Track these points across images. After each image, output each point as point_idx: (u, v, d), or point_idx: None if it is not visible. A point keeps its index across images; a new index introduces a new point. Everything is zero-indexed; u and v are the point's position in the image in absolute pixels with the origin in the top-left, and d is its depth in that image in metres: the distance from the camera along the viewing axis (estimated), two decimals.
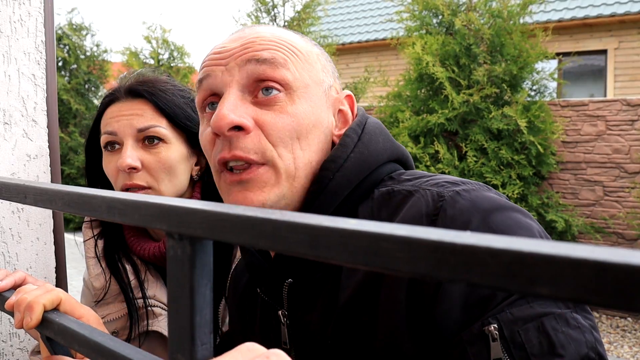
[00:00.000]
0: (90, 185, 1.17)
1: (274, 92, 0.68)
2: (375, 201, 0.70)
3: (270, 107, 0.68)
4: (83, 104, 9.43)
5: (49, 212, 1.10)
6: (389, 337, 0.62)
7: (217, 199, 0.97)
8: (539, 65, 5.44)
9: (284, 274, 0.74)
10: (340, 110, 0.76)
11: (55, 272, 1.12)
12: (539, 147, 5.02)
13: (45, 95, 1.10)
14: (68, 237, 1.24)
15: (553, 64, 6.65)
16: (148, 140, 1.04)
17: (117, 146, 1.06)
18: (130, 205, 0.41)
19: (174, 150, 1.05)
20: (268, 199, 0.67)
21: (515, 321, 0.56)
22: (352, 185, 0.70)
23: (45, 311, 0.66)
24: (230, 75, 0.69)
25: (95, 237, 1.15)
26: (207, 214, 0.35)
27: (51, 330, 0.63)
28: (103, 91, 10.16)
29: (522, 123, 4.92)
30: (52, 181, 1.11)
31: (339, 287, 0.68)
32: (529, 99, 5.36)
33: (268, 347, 0.79)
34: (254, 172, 0.67)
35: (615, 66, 8.38)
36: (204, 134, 0.72)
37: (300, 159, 0.68)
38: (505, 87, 5.16)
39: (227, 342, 0.94)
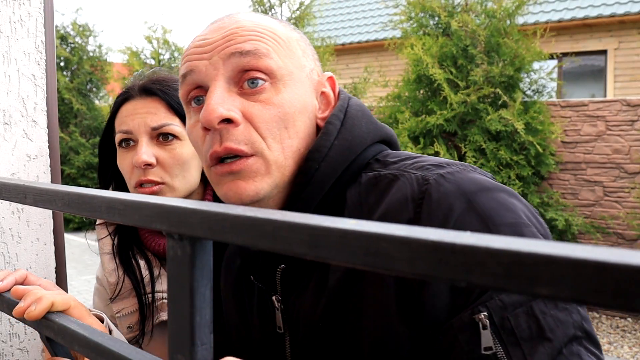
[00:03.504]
0: (102, 182, 1.19)
1: (260, 82, 0.68)
2: (362, 186, 0.70)
3: (257, 97, 0.68)
4: (85, 104, 9.44)
5: (49, 212, 1.10)
6: (378, 318, 0.63)
7: None
8: (537, 66, 5.44)
9: (276, 260, 0.75)
10: (322, 93, 0.76)
11: (55, 272, 1.12)
12: (538, 147, 5.02)
13: (45, 95, 1.09)
14: (68, 237, 1.24)
15: (552, 64, 6.65)
16: (162, 137, 1.07)
17: (131, 143, 1.08)
18: (130, 206, 0.41)
19: (188, 146, 1.07)
20: (262, 189, 0.68)
21: (505, 307, 0.57)
22: (338, 173, 0.71)
23: (50, 311, 0.66)
24: (215, 69, 0.69)
25: (112, 235, 1.17)
26: (207, 214, 0.35)
27: (51, 330, 0.63)
28: (104, 92, 10.17)
29: (519, 125, 4.92)
30: (52, 181, 1.11)
31: (328, 270, 0.69)
32: (527, 99, 5.36)
33: (265, 333, 0.79)
34: (243, 163, 0.68)
35: (615, 66, 8.38)
36: (194, 130, 0.72)
37: (288, 148, 0.69)
38: (503, 88, 5.17)
39: (224, 332, 0.93)
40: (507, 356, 0.56)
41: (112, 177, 1.17)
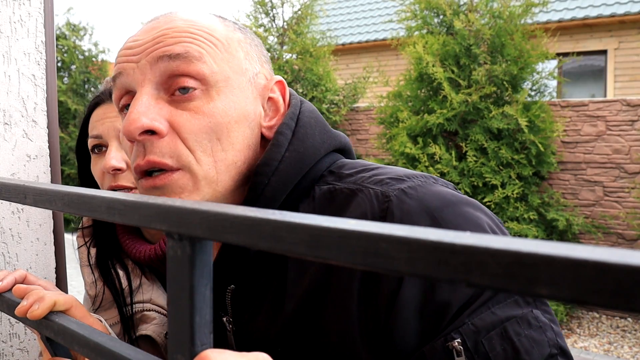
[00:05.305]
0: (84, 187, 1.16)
1: (190, 89, 0.63)
2: (317, 201, 0.66)
3: (186, 105, 0.63)
4: (82, 104, 9.44)
5: (49, 212, 1.10)
6: (341, 345, 0.60)
7: None
8: (539, 66, 5.44)
9: (225, 280, 0.70)
10: (270, 98, 0.70)
11: (55, 272, 1.12)
12: (540, 146, 5.02)
13: (45, 95, 1.09)
14: (68, 237, 1.23)
15: (553, 64, 6.65)
16: None
17: (103, 148, 1.06)
18: (130, 206, 0.41)
19: None
20: None
21: (478, 332, 0.55)
22: (290, 188, 0.66)
23: (51, 311, 0.66)
24: (142, 74, 0.64)
25: (88, 245, 1.15)
26: (207, 214, 0.35)
27: (51, 330, 0.62)
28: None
29: (523, 122, 4.92)
30: (52, 181, 1.11)
31: (284, 294, 0.65)
32: (529, 99, 5.36)
33: None
34: (168, 177, 0.63)
35: (615, 66, 8.38)
36: (124, 140, 0.67)
37: (222, 161, 0.64)
38: (506, 87, 5.17)
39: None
40: None
41: (92, 183, 1.14)
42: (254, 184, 0.65)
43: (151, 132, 0.62)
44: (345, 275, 0.60)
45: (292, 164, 0.66)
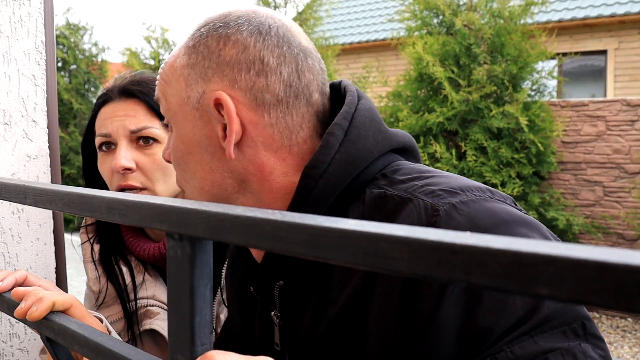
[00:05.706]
0: (88, 186, 1.16)
1: (167, 127, 0.75)
2: (367, 205, 0.64)
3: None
4: (84, 104, 9.43)
5: (49, 212, 1.10)
6: (379, 354, 0.60)
7: None
8: (538, 65, 5.44)
9: (275, 275, 0.70)
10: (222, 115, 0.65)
11: (55, 272, 1.12)
12: (539, 145, 5.02)
13: (45, 95, 1.09)
14: (68, 237, 1.23)
15: (553, 63, 6.65)
16: (143, 140, 1.04)
17: (112, 146, 1.06)
18: (130, 206, 0.41)
19: None
20: None
21: None
22: (338, 191, 0.63)
23: (51, 311, 0.66)
24: None
25: (91, 242, 1.15)
26: (207, 214, 0.35)
27: (51, 330, 0.63)
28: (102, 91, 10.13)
29: (523, 121, 4.92)
30: (52, 181, 1.11)
31: (328, 298, 0.64)
32: (528, 98, 5.36)
33: (265, 346, 0.78)
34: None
35: (615, 66, 8.38)
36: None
37: (193, 188, 0.70)
38: (506, 86, 5.17)
39: (227, 332, 0.92)
40: None
41: (97, 180, 1.14)
42: (301, 187, 0.64)
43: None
44: (387, 286, 0.59)
45: (341, 166, 0.63)
